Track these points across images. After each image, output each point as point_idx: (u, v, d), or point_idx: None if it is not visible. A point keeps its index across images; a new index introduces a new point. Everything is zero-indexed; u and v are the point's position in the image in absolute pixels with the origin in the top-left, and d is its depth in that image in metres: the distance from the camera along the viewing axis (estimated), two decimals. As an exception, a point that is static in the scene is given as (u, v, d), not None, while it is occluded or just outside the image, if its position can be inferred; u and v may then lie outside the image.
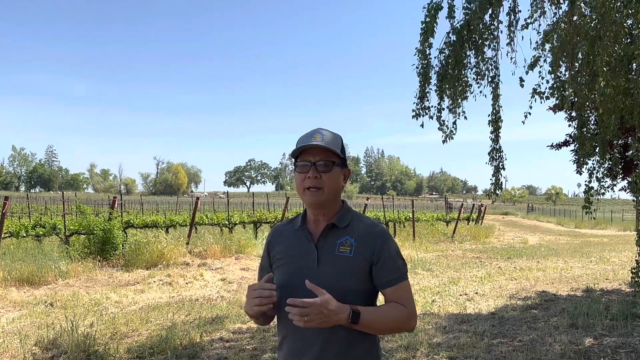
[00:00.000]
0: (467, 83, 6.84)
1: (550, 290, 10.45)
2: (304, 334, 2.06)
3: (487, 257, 17.32)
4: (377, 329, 2.00)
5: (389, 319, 2.00)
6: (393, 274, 2.07)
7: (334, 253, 2.08)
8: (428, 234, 23.36)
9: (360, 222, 2.16)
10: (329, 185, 2.07)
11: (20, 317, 8.05)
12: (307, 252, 2.11)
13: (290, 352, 2.12)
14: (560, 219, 51.08)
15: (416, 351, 6.25)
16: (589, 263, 15.47)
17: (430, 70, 6.79)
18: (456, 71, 6.65)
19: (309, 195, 2.08)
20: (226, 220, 18.47)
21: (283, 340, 2.17)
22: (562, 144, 11.04)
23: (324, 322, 1.88)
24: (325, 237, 2.12)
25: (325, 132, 2.12)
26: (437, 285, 11.19)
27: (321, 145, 2.05)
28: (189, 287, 10.85)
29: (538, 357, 5.88)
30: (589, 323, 7.45)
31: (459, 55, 6.63)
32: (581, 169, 9.74)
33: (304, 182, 2.08)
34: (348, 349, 2.06)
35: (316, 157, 2.07)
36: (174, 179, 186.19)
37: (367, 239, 2.09)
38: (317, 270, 2.05)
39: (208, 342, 6.61)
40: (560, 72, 6.51)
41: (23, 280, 10.64)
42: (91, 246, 13.64)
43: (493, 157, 7.09)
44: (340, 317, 1.89)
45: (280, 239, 2.23)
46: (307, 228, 2.17)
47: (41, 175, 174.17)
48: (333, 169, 2.08)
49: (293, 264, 2.09)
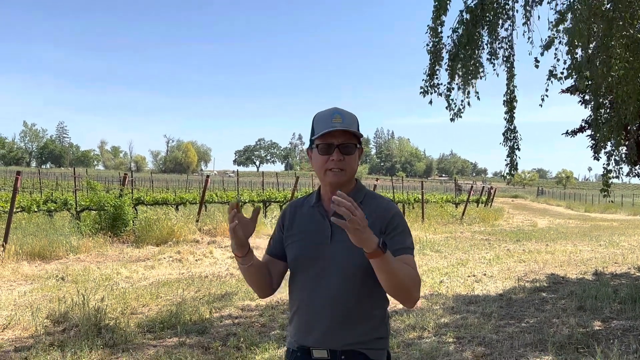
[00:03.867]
0: (480, 62, 6.77)
1: (558, 273, 10.44)
2: (314, 307, 2.10)
3: (496, 239, 17.31)
4: (393, 274, 1.95)
5: (404, 271, 1.98)
6: (399, 244, 2.07)
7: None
8: (437, 215, 23.34)
9: (373, 200, 2.18)
10: (350, 166, 2.11)
11: (32, 291, 8.14)
12: (320, 228, 2.14)
13: (301, 326, 2.16)
14: (570, 203, 50.91)
15: (424, 331, 6.28)
16: (598, 247, 15.43)
17: (441, 48, 6.72)
18: (469, 50, 6.58)
19: (331, 176, 2.09)
20: (236, 198, 18.52)
21: (294, 314, 2.21)
22: (578, 130, 10.79)
23: (358, 231, 1.81)
24: (339, 214, 2.12)
25: (343, 113, 2.13)
26: (445, 266, 11.21)
27: (346, 128, 2.07)
28: (199, 264, 10.93)
29: (545, 338, 5.89)
30: (597, 306, 7.44)
31: (472, 34, 6.55)
32: (598, 154, 9.60)
33: (326, 164, 2.09)
34: (357, 323, 2.09)
35: (339, 139, 2.08)
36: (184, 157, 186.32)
37: (379, 216, 2.11)
38: (329, 246, 2.07)
39: (217, 318, 6.67)
40: (577, 53, 6.42)
41: (35, 255, 10.75)
42: (102, 222, 13.75)
43: (508, 138, 7.03)
44: (372, 239, 1.85)
45: (295, 215, 2.26)
46: (322, 205, 2.19)
47: (52, 151, 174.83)
48: (355, 151, 2.12)
49: (307, 239, 2.11)
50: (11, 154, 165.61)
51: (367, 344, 2.11)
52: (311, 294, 2.12)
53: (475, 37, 6.58)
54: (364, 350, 2.10)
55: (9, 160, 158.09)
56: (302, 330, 2.15)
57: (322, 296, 2.09)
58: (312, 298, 2.12)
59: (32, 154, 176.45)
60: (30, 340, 5.67)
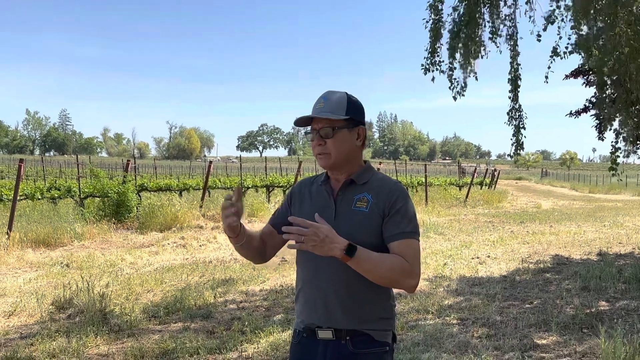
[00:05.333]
0: (481, 41, 6.70)
1: (563, 254, 10.43)
2: (318, 284, 2.12)
3: (500, 221, 17.29)
4: (371, 271, 1.98)
5: (385, 265, 1.98)
6: (399, 228, 2.06)
7: (351, 208, 2.12)
8: (440, 198, 23.29)
9: (380, 181, 2.19)
10: (334, 149, 2.12)
11: (37, 278, 8.18)
12: (326, 206, 2.17)
13: (306, 303, 2.18)
14: (574, 184, 50.74)
15: (427, 313, 6.29)
16: (603, 227, 15.41)
17: (441, 26, 6.65)
18: (469, 29, 6.51)
19: (319, 160, 2.17)
20: (239, 184, 18.52)
21: (299, 291, 2.23)
22: (582, 111, 10.70)
23: (317, 247, 1.90)
24: (344, 193, 2.17)
25: (329, 96, 2.15)
26: (449, 248, 11.21)
27: (317, 116, 2.12)
28: (203, 250, 10.95)
29: (549, 319, 5.89)
30: (602, 286, 7.44)
31: (473, 12, 6.47)
32: (603, 134, 9.52)
33: (314, 149, 2.17)
34: (361, 302, 2.09)
35: (319, 124, 2.13)
36: (187, 143, 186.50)
37: (384, 196, 2.11)
38: (333, 223, 2.06)
39: (221, 303, 6.69)
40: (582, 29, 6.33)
41: (39, 242, 10.79)
42: (106, 209, 13.77)
43: (512, 117, 6.96)
44: (335, 247, 1.91)
45: (303, 192, 2.30)
46: (329, 184, 2.23)
47: (55, 139, 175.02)
48: (336, 133, 2.11)
49: (312, 216, 2.10)
50: (14, 142, 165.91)
51: (372, 323, 2.11)
52: (315, 272, 2.14)
53: (476, 15, 6.51)
54: (369, 331, 2.10)
55: (12, 149, 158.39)
56: (306, 308, 2.18)
57: (325, 274, 2.10)
58: (315, 275, 2.14)
59: (36, 141, 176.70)
60: (36, 327, 5.70)
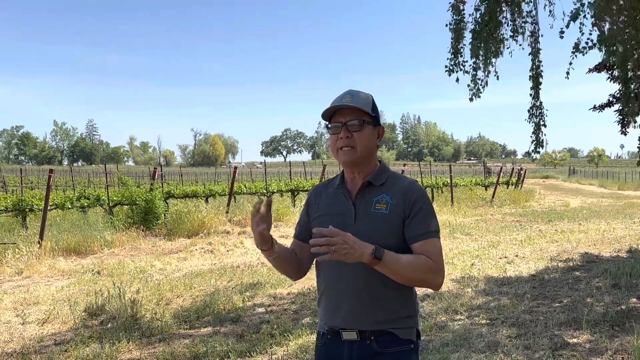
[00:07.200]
0: (502, 39, 6.68)
1: (592, 252, 10.30)
2: (340, 287, 2.13)
3: (527, 220, 17.12)
4: (399, 273, 2.00)
5: (413, 266, 2.00)
6: (422, 229, 2.08)
7: (370, 210, 2.12)
8: (466, 198, 23.14)
9: (397, 180, 2.19)
10: (361, 143, 2.11)
11: (69, 285, 8.34)
12: (345, 209, 2.17)
13: (329, 306, 2.19)
14: (603, 181, 49.92)
15: (456, 313, 6.27)
16: (632, 224, 15.16)
17: (463, 26, 6.65)
18: (491, 28, 6.49)
19: (342, 154, 2.13)
20: (264, 189, 18.64)
21: (321, 295, 2.24)
22: (605, 105, 10.61)
23: (348, 254, 1.90)
24: (362, 195, 2.16)
25: (355, 93, 2.16)
26: (476, 249, 11.14)
27: (350, 105, 2.10)
28: (230, 255, 11.06)
29: (579, 317, 5.83)
30: (632, 283, 7.34)
31: (493, 11, 6.45)
32: (626, 129, 9.41)
33: (337, 143, 2.14)
34: (383, 302, 2.10)
35: (347, 117, 2.12)
36: (212, 150, 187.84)
37: (403, 196, 2.12)
38: (354, 226, 2.08)
39: (250, 307, 6.76)
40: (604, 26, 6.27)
41: (70, 250, 11.00)
42: (134, 216, 13.97)
43: (533, 114, 6.90)
44: (364, 252, 1.92)
45: (320, 197, 2.29)
46: (346, 186, 2.22)
47: (83, 149, 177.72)
48: (364, 127, 2.11)
49: (331, 220, 2.10)
50: (43, 153, 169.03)
51: (395, 322, 2.12)
52: (336, 275, 2.14)
53: (497, 14, 6.49)
54: (393, 330, 2.11)
55: (41, 160, 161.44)
56: (330, 311, 2.18)
57: (347, 276, 2.11)
58: (337, 279, 2.14)
59: (64, 152, 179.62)
60: (70, 334, 5.82)
